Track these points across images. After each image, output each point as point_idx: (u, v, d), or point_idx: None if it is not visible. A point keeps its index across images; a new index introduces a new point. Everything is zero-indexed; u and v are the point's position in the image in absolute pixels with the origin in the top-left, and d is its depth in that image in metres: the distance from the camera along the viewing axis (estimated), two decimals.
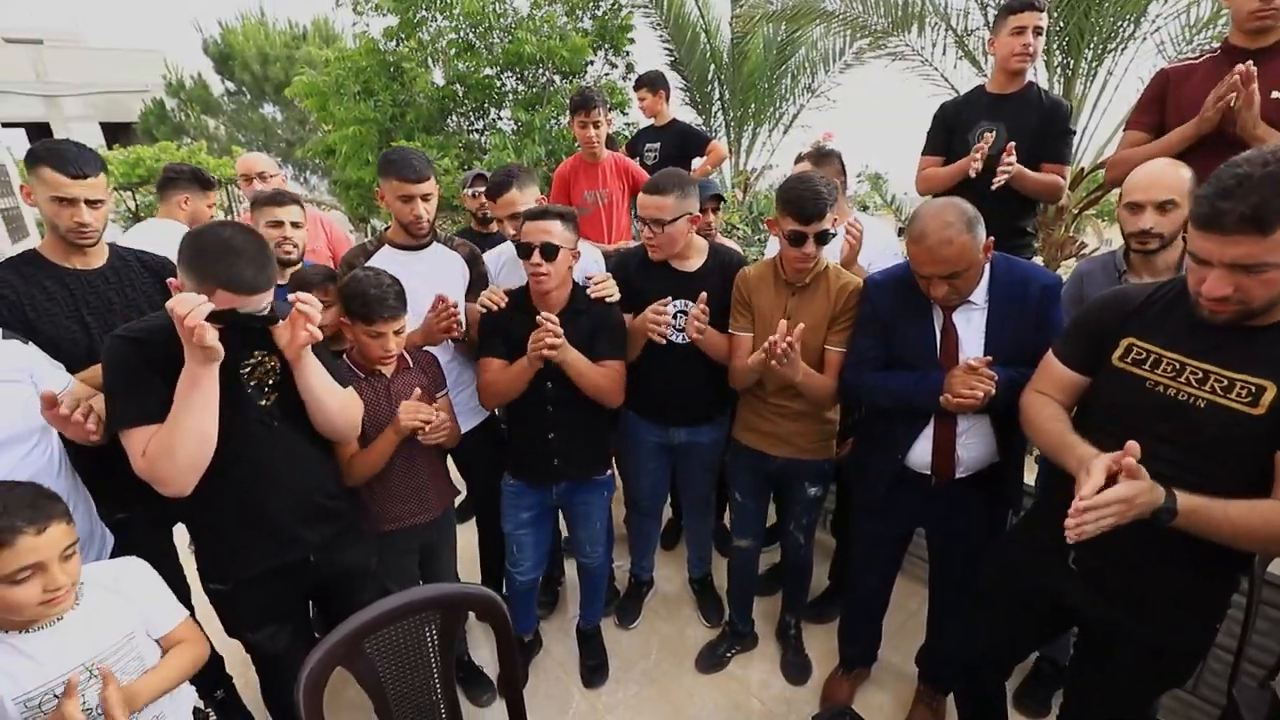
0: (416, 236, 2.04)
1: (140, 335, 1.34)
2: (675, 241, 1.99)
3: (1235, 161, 1.05)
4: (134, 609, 1.26)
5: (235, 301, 1.27)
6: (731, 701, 2.24)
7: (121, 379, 1.31)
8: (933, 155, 2.63)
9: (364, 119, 6.91)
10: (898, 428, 1.76)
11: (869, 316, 1.78)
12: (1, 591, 1.06)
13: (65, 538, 1.11)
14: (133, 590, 1.28)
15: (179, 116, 15.46)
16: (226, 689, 2.05)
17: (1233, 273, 1.05)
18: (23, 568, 1.05)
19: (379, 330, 1.71)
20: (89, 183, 1.60)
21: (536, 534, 2.15)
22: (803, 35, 6.36)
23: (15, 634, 1.11)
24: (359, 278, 1.73)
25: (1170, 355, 1.22)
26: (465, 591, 1.43)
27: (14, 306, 1.56)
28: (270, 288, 1.33)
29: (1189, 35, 4.05)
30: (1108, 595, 1.35)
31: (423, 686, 1.42)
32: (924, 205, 1.59)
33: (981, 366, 1.50)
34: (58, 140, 1.62)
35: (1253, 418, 1.11)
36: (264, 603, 1.57)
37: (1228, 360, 1.14)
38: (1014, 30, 2.34)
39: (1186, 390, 1.18)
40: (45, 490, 1.13)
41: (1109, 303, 1.36)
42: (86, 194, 1.60)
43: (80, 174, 1.59)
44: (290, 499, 1.51)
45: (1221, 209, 1.02)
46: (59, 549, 1.09)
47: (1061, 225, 4.57)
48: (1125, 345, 1.29)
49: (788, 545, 2.24)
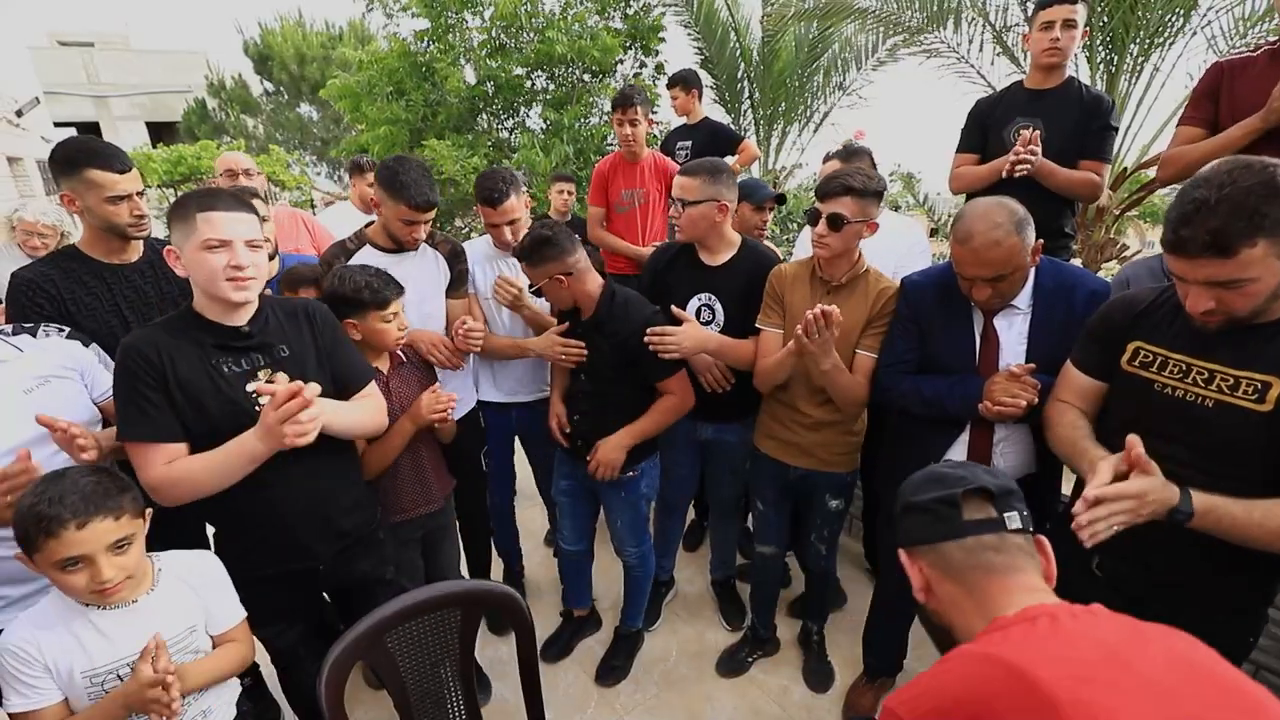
0: (407, 249, 2.04)
1: (146, 348, 1.32)
2: (696, 224, 1.97)
3: (1195, 183, 1.06)
4: (200, 603, 1.29)
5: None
6: (752, 707, 2.21)
7: (127, 392, 1.31)
8: (967, 153, 2.55)
9: (395, 119, 7.01)
10: (931, 435, 1.71)
11: (906, 318, 1.73)
12: (57, 575, 1.10)
13: (114, 532, 1.11)
14: (202, 584, 1.31)
15: (219, 116, 15.94)
16: (254, 677, 2.09)
17: (1210, 289, 1.07)
18: (67, 558, 1.07)
19: (394, 311, 1.75)
20: (133, 174, 1.65)
21: (573, 506, 2.23)
22: (834, 32, 6.28)
23: (95, 610, 1.16)
24: (349, 275, 1.73)
25: (1176, 357, 1.22)
26: (486, 588, 1.44)
27: (56, 301, 1.61)
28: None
29: (1243, 29, 3.88)
30: (1133, 602, 1.30)
31: (442, 681, 1.42)
32: (971, 204, 1.52)
33: (1024, 374, 1.46)
34: (83, 139, 1.64)
35: (1260, 414, 1.11)
36: (273, 601, 1.56)
37: (1232, 358, 1.15)
38: (1043, 25, 2.28)
39: (1194, 390, 1.18)
40: (112, 482, 1.13)
41: (1116, 308, 1.36)
42: (136, 186, 1.65)
43: (126, 168, 1.63)
44: (303, 514, 1.49)
45: (1184, 236, 1.05)
46: (104, 543, 1.09)
47: (1102, 226, 4.44)
48: (1133, 349, 1.29)
49: (809, 555, 2.19)
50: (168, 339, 1.34)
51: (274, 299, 1.53)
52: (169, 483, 1.31)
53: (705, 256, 2.06)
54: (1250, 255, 1.01)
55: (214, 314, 1.37)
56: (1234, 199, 1.00)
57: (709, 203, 1.93)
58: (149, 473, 1.30)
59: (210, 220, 1.28)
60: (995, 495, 0.90)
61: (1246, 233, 1.00)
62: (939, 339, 1.66)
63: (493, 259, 2.25)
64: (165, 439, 1.31)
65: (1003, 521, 0.89)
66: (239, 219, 1.32)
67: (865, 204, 1.69)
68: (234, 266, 1.29)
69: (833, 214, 1.68)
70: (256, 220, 1.36)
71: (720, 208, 1.95)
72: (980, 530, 0.88)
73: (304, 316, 1.53)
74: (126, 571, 1.14)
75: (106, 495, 1.11)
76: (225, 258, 1.29)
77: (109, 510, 1.10)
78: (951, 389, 1.61)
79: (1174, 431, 1.18)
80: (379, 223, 2.03)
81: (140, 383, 1.30)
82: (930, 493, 0.93)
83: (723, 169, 1.96)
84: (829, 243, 1.72)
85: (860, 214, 1.69)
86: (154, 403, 1.30)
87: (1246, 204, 0.99)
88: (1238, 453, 1.14)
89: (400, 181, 1.86)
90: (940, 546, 0.90)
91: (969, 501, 0.90)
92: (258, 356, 1.41)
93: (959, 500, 0.90)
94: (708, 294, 2.04)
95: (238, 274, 1.30)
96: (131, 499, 1.15)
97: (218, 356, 1.37)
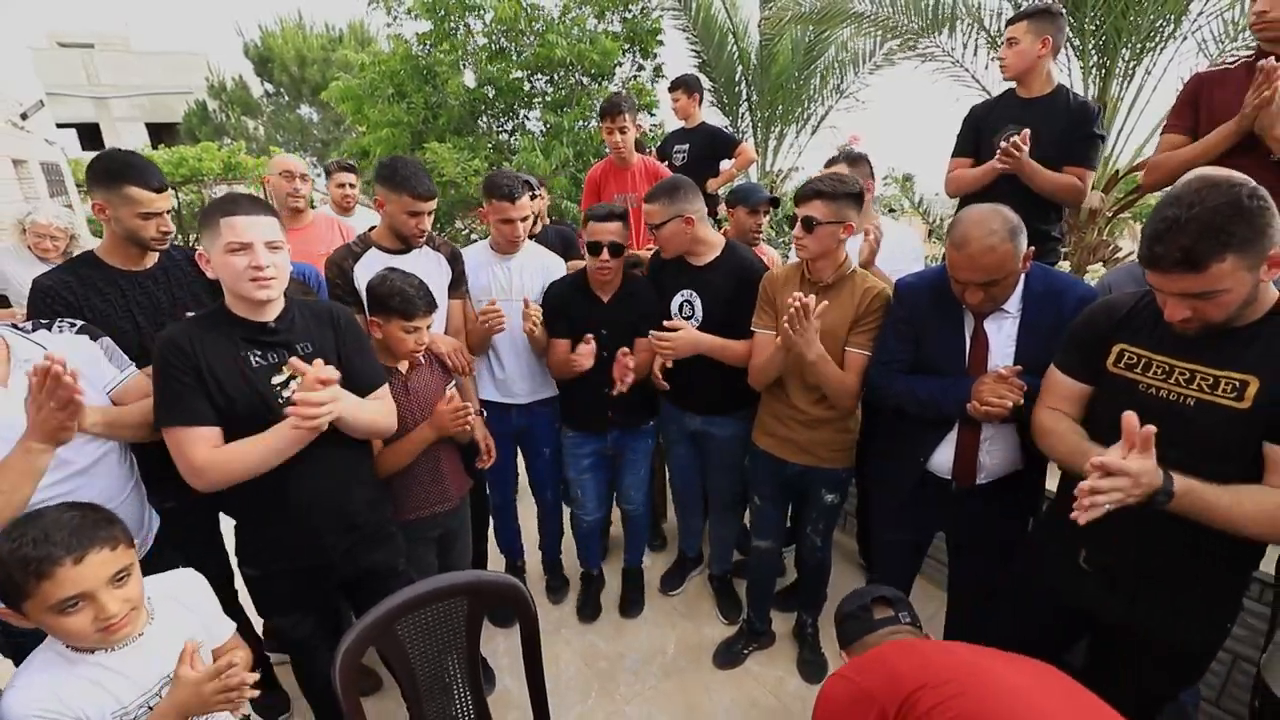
0: (413, 245, 2.12)
1: (180, 339, 1.40)
2: (671, 242, 2.14)
3: (1167, 200, 1.13)
4: (196, 619, 1.30)
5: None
6: (748, 698, 2.27)
7: (165, 381, 1.39)
8: (962, 157, 2.62)
9: (397, 121, 7.07)
10: (921, 433, 1.77)
11: (900, 319, 1.78)
12: (55, 621, 1.02)
13: (112, 564, 1.05)
14: (193, 602, 1.32)
15: (220, 117, 15.99)
16: (264, 668, 2.14)
17: (1185, 299, 1.14)
18: (66, 599, 1.00)
19: (416, 325, 1.81)
20: (167, 194, 1.74)
21: (596, 478, 2.49)
22: (832, 36, 6.33)
23: (103, 653, 1.10)
24: (391, 278, 1.81)
25: (1159, 358, 1.27)
26: (493, 579, 1.49)
27: (72, 308, 1.67)
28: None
29: (1232, 33, 3.94)
30: (1119, 593, 1.37)
31: (448, 669, 1.48)
32: (967, 211, 1.57)
33: (1011, 376, 1.51)
34: (123, 154, 1.71)
35: (1239, 412, 1.16)
36: (290, 592, 1.64)
37: (1212, 358, 1.20)
38: (1008, 40, 2.42)
39: (1176, 390, 1.23)
40: (97, 514, 1.09)
41: (1099, 311, 1.41)
42: (167, 205, 1.74)
43: (162, 187, 1.71)
44: (320, 508, 1.57)
45: (1158, 252, 1.12)
46: (104, 576, 1.04)
47: (1094, 229, 4.49)
48: (1117, 351, 1.34)
49: (805, 547, 2.27)
50: (200, 331, 1.43)
51: (304, 301, 1.61)
52: (215, 465, 1.38)
53: (690, 259, 2.20)
54: (1220, 269, 1.07)
55: (242, 311, 1.46)
56: (1202, 218, 1.06)
57: (674, 220, 2.09)
58: (195, 455, 1.37)
59: (232, 225, 1.37)
60: (893, 602, 1.38)
61: (1215, 250, 1.06)
62: (932, 340, 1.72)
63: (490, 264, 2.32)
64: (204, 423, 1.39)
65: (898, 618, 1.36)
66: (259, 222, 1.40)
67: (838, 207, 1.78)
68: (255, 267, 1.37)
69: (805, 216, 1.80)
70: (276, 223, 1.44)
71: (686, 221, 2.09)
72: (886, 624, 1.35)
73: (329, 320, 1.61)
74: (132, 604, 1.09)
75: (97, 526, 1.05)
76: (247, 259, 1.37)
77: (104, 541, 1.04)
78: (945, 390, 1.66)
79: (1158, 430, 1.22)
80: (382, 224, 2.11)
81: (176, 370, 1.38)
82: (852, 604, 1.42)
83: (680, 185, 2.10)
84: (805, 244, 1.84)
85: (833, 216, 1.78)
86: (191, 389, 1.38)
87: (1214, 223, 1.06)
88: (1219, 449, 1.19)
89: (401, 175, 1.98)
90: (863, 639, 1.35)
91: (877, 606, 1.39)
92: (283, 351, 1.50)
93: (870, 606, 1.39)
94: (689, 291, 2.18)
95: (259, 274, 1.38)
96: (122, 529, 1.10)
97: (246, 349, 1.45)
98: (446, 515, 2.03)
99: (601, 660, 2.45)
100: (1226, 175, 1.11)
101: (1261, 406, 1.14)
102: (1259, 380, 1.15)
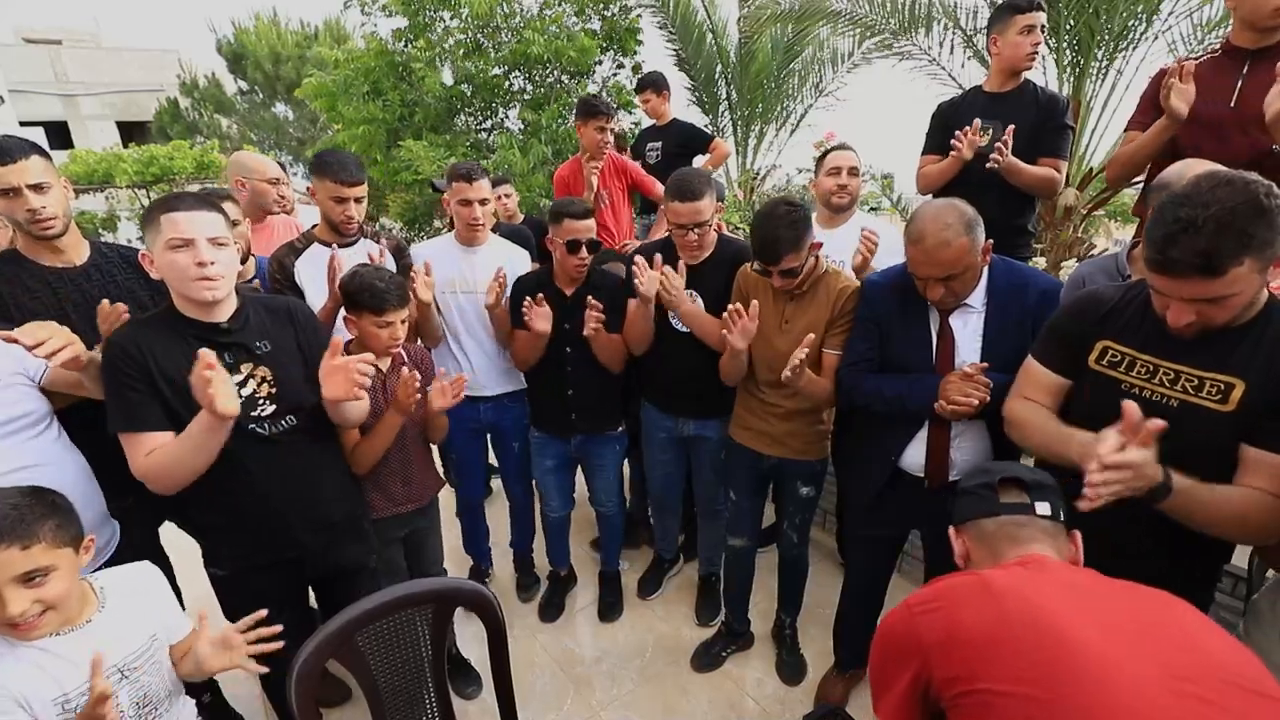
0: (345, 235, 2.10)
1: (127, 344, 1.36)
2: (713, 241, 2.08)
3: (1178, 200, 1.04)
4: (154, 613, 1.28)
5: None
6: (726, 700, 2.24)
7: (113, 386, 1.35)
8: (932, 154, 2.62)
9: (372, 119, 6.97)
10: (892, 430, 1.76)
11: (866, 318, 1.78)
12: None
13: (22, 563, 1.02)
14: (150, 593, 1.30)
15: (192, 115, 15.68)
16: (213, 692, 2.03)
17: (1192, 304, 1.09)
18: None
19: (388, 320, 1.77)
20: (18, 166, 1.52)
21: (559, 479, 2.50)
22: (810, 35, 6.34)
23: (47, 638, 1.10)
24: (361, 273, 1.78)
25: (1144, 357, 1.23)
26: (456, 586, 1.45)
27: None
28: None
29: (1201, 35, 4.01)
30: None
31: (414, 679, 1.43)
32: (923, 206, 1.57)
33: (977, 373, 1.50)
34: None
35: (1223, 414, 1.14)
36: (261, 590, 1.57)
37: (1198, 360, 1.17)
38: (1024, 29, 2.33)
39: (1160, 391, 1.20)
40: (35, 508, 1.06)
41: (1083, 305, 1.36)
42: (22, 179, 1.53)
43: (9, 159, 1.52)
44: (290, 505, 1.54)
45: (1172, 257, 1.04)
46: (8, 575, 1.01)
47: (1070, 225, 4.54)
48: (1100, 348, 1.30)
49: (783, 543, 2.24)
50: (149, 334, 1.38)
51: (259, 297, 1.56)
52: (152, 470, 1.34)
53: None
54: (1237, 273, 1.02)
55: (192, 312, 1.41)
56: (1220, 219, 0.99)
57: (716, 215, 2.06)
58: (135, 463, 1.35)
59: (173, 220, 1.31)
60: (1029, 485, 1.08)
61: (1235, 252, 1.00)
62: (898, 338, 1.71)
63: (453, 255, 2.28)
64: (148, 429, 1.34)
65: (1032, 506, 1.05)
66: (201, 218, 1.34)
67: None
68: (199, 264, 1.32)
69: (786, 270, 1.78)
70: (221, 219, 1.38)
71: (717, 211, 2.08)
72: (1011, 511, 1.06)
73: (286, 315, 1.58)
74: (45, 604, 1.06)
75: (18, 523, 1.03)
76: (190, 255, 1.32)
77: (16, 539, 1.02)
78: (911, 388, 1.65)
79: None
80: (320, 217, 2.10)
81: (123, 375, 1.33)
82: (975, 480, 1.13)
83: (708, 175, 2.07)
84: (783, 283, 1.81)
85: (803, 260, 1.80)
86: (138, 394, 1.34)
87: (1233, 224, 0.99)
88: (1201, 451, 1.15)
89: (325, 162, 1.98)
90: (978, 522, 1.08)
91: (1005, 488, 1.09)
92: (239, 351, 1.45)
93: (995, 485, 1.09)
94: (689, 291, 2.05)
95: (203, 273, 1.33)
96: (54, 527, 1.07)
97: (199, 349, 1.37)
98: (415, 514, 2.00)
99: (577, 665, 2.41)
100: (1239, 172, 1.05)
101: (1246, 410, 1.12)
102: (1245, 383, 1.12)
